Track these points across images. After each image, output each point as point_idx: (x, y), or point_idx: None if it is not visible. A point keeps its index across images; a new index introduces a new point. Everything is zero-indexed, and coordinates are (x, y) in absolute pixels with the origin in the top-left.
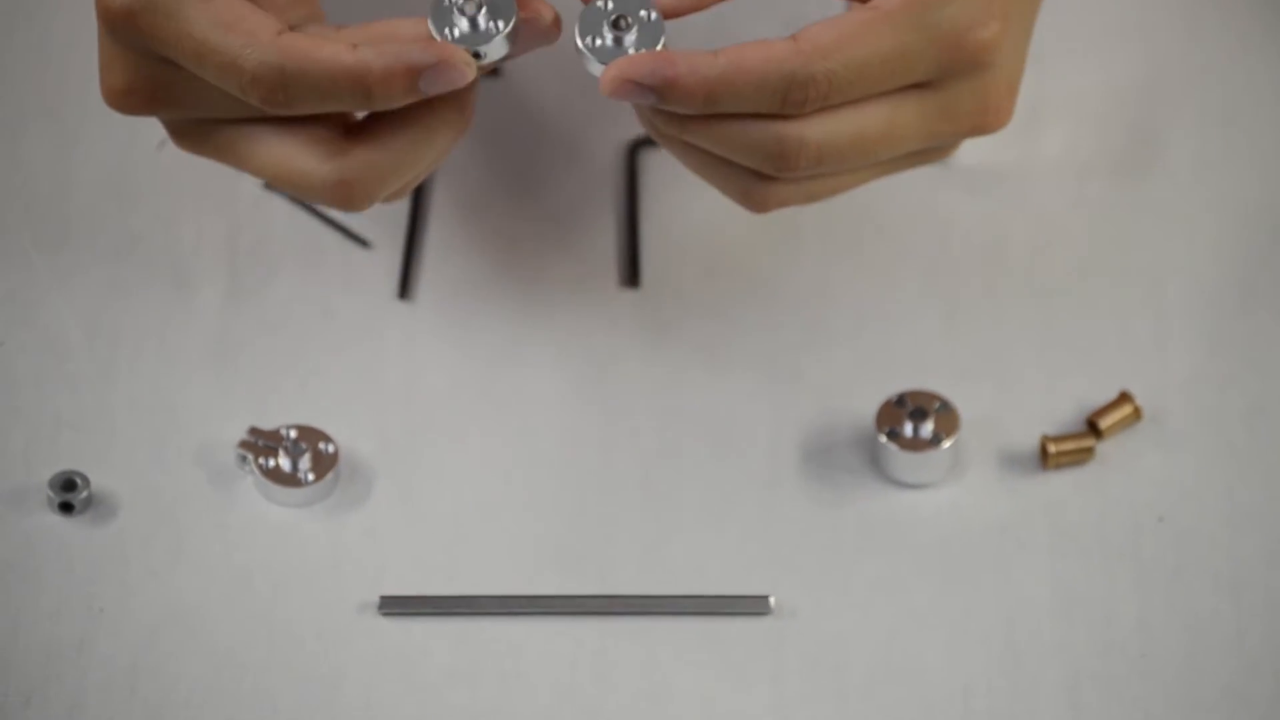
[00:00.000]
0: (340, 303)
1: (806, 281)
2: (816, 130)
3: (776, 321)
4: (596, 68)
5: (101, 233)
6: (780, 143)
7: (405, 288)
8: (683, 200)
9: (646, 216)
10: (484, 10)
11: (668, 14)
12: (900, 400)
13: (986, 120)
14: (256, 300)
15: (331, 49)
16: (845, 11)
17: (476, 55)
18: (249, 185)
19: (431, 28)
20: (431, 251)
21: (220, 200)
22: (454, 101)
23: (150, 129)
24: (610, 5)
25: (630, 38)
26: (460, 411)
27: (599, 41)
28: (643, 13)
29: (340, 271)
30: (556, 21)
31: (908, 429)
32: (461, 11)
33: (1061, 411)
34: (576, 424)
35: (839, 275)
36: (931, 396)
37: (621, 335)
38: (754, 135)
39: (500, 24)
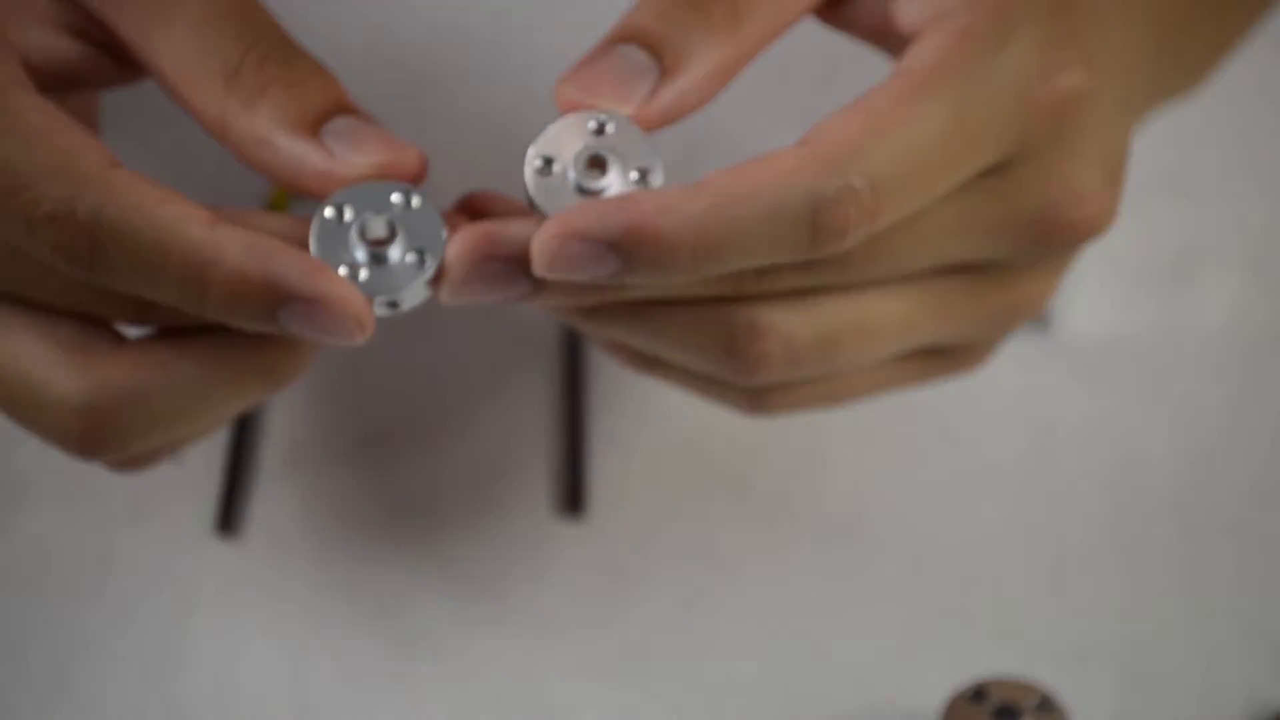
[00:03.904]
0: (121, 542)
1: (835, 507)
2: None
3: (789, 570)
4: (549, 209)
5: None
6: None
7: (227, 518)
8: (645, 389)
9: (596, 414)
10: (398, 240)
11: (650, 122)
12: (978, 694)
13: (1075, 214)
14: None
15: (180, 209)
16: (861, 95)
17: (393, 305)
18: None
19: (314, 250)
20: (271, 464)
21: None
22: (292, 345)
23: None
24: (597, 124)
25: (607, 191)
26: (304, 716)
27: (557, 172)
28: (634, 174)
29: (124, 494)
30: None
31: None
32: (363, 237)
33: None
34: None
35: (882, 498)
36: (1026, 688)
37: (560, 588)
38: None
39: (425, 259)
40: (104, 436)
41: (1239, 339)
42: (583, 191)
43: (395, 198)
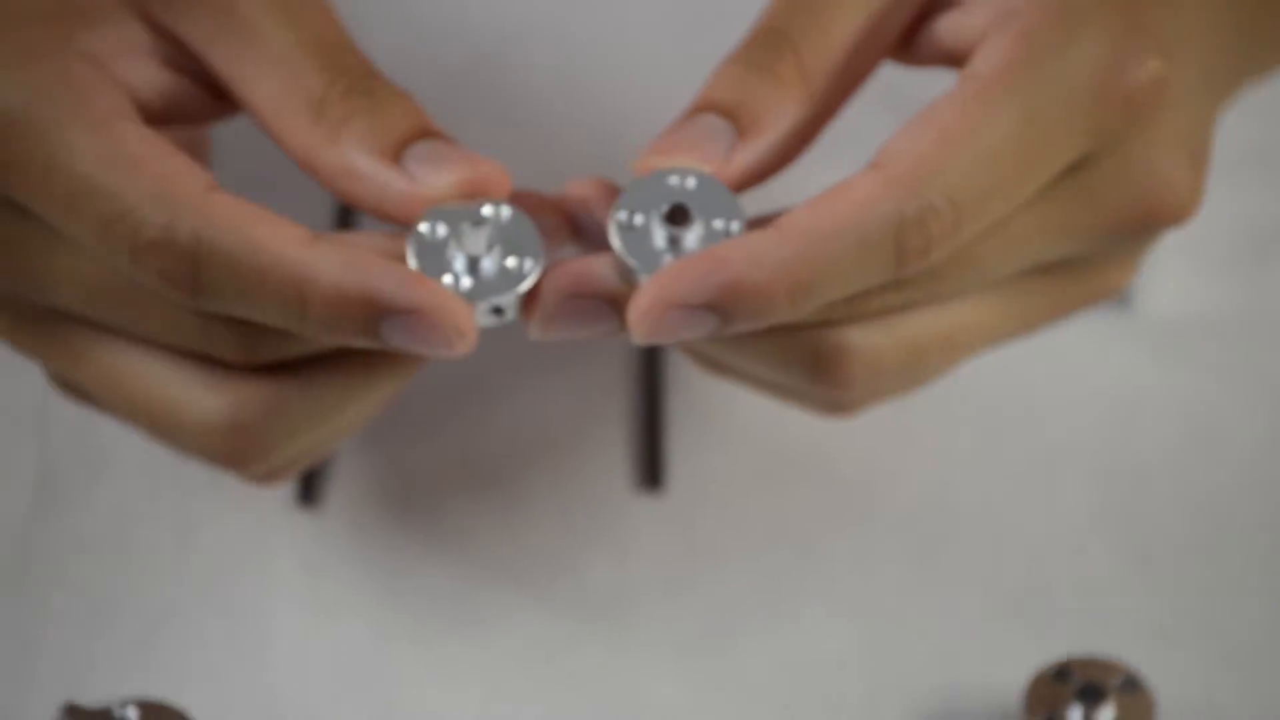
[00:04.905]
0: (202, 512)
1: (916, 486)
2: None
3: (869, 548)
4: (636, 263)
5: None
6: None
7: (309, 490)
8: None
9: (674, 388)
10: (495, 250)
11: (730, 182)
12: (1061, 672)
13: (1160, 202)
14: (73, 511)
15: (276, 230)
16: (928, 106)
17: (497, 311)
18: None
19: (413, 265)
20: (351, 438)
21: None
22: None
23: None
24: (677, 181)
25: (691, 238)
26: (385, 690)
27: (639, 234)
28: (718, 223)
29: (205, 467)
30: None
31: (1074, 718)
32: (461, 250)
33: None
34: (570, 704)
35: (963, 476)
36: (1111, 667)
37: (636, 562)
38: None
39: (525, 265)
40: (249, 450)
41: None
42: (669, 243)
43: (487, 211)
